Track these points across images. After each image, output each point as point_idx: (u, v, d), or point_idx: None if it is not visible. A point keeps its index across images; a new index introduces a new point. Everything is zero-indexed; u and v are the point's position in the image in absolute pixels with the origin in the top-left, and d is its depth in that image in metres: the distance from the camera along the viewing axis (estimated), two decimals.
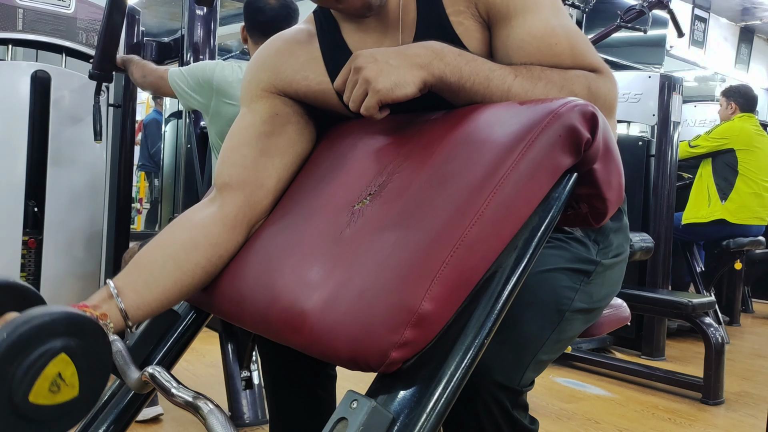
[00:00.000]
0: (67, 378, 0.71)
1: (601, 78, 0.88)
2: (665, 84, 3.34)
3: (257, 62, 1.07)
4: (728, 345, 3.45)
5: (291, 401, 1.19)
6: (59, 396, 0.70)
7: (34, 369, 0.68)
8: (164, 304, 0.92)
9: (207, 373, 2.68)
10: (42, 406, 0.69)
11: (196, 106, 2.11)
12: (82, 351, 0.72)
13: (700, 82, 7.68)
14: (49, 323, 0.69)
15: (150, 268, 0.92)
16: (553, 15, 0.89)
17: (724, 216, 3.76)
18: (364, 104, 0.83)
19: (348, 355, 0.70)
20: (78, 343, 0.71)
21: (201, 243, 0.94)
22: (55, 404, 0.70)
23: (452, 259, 0.69)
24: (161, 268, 0.92)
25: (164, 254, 0.93)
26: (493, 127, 0.79)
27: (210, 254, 0.94)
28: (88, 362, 0.72)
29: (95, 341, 0.73)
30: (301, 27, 1.07)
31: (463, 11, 0.91)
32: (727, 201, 3.78)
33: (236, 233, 0.97)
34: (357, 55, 0.85)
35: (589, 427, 2.30)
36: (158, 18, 6.22)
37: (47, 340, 0.69)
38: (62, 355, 0.70)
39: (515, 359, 0.85)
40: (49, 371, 0.69)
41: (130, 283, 0.89)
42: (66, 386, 0.71)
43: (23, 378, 0.67)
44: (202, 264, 0.93)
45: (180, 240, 0.95)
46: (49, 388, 0.69)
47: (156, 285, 0.91)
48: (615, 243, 1.04)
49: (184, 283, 0.92)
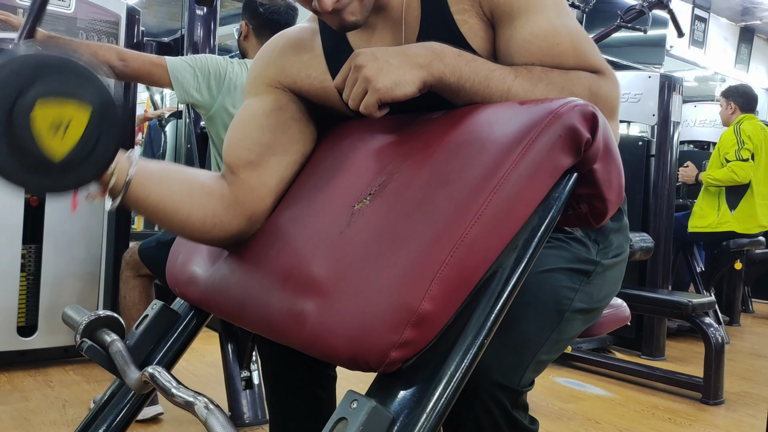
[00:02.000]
0: (71, 127, 0.72)
1: (602, 79, 0.88)
2: (665, 84, 3.34)
3: (262, 59, 1.07)
4: (728, 345, 3.45)
5: (291, 401, 1.19)
6: (62, 143, 0.72)
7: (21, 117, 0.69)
8: (156, 207, 0.91)
9: (207, 373, 2.68)
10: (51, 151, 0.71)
11: (197, 99, 2.04)
12: (62, 91, 0.72)
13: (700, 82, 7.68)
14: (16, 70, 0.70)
15: (169, 173, 0.93)
16: (557, 15, 0.89)
17: (733, 228, 3.73)
18: (364, 102, 0.83)
19: (348, 355, 0.70)
20: (54, 85, 0.71)
21: (216, 196, 0.95)
22: (61, 151, 0.72)
23: (452, 259, 0.69)
24: (177, 181, 0.93)
25: (185, 176, 0.95)
26: (493, 127, 0.79)
27: (216, 211, 0.94)
28: (97, 121, 0.74)
29: (73, 76, 0.73)
30: (304, 25, 1.08)
31: (468, 10, 0.91)
32: (737, 210, 3.74)
33: (239, 214, 0.97)
34: (357, 53, 0.85)
35: (589, 427, 2.30)
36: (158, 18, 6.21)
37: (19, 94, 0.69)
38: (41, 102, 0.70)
39: (515, 359, 0.85)
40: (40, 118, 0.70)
41: (148, 167, 0.90)
42: (69, 135, 0.72)
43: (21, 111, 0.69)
44: (206, 210, 0.94)
45: (201, 180, 0.97)
46: (49, 127, 0.71)
47: (165, 187, 0.91)
48: (615, 243, 1.04)
49: (183, 208, 0.92)
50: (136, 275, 2.10)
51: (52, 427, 2.05)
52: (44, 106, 0.70)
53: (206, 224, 0.94)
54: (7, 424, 2.05)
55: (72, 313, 0.94)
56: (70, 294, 2.67)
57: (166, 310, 1.03)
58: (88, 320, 0.92)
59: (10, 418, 2.11)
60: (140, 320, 1.02)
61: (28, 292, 2.63)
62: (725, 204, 3.77)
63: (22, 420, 2.09)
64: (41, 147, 0.71)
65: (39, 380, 2.50)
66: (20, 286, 2.60)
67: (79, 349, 0.91)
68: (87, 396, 2.34)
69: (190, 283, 1.03)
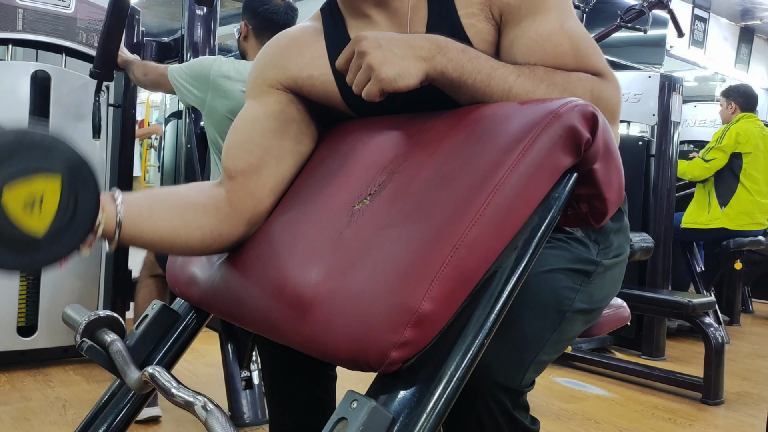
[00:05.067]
0: (45, 200, 0.71)
1: (604, 83, 0.88)
2: (665, 84, 3.34)
3: (264, 59, 1.07)
4: (728, 345, 3.45)
5: (291, 401, 1.19)
6: (41, 218, 0.71)
7: None
8: (152, 240, 0.90)
9: (207, 373, 2.68)
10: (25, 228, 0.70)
11: (192, 101, 2.11)
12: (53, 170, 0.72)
13: (700, 82, 7.68)
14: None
15: (158, 202, 0.92)
16: (563, 17, 0.90)
17: (724, 224, 3.74)
18: (366, 90, 0.82)
19: (348, 355, 0.70)
20: (47, 164, 0.71)
21: (210, 211, 0.95)
22: (42, 226, 0.71)
23: (452, 259, 0.69)
24: (167, 209, 0.92)
25: (175, 199, 0.94)
26: (493, 127, 0.79)
27: (213, 226, 0.94)
28: (69, 185, 0.73)
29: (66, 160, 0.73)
30: (306, 24, 1.07)
31: (477, 14, 0.91)
32: (727, 207, 3.75)
33: (237, 221, 0.97)
34: (361, 37, 0.83)
35: (589, 427, 2.30)
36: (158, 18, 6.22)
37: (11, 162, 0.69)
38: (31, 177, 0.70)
39: (516, 360, 0.85)
40: (19, 190, 0.69)
41: (136, 202, 0.88)
42: (45, 209, 0.71)
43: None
44: (203, 229, 0.93)
45: (193, 198, 0.95)
46: (23, 207, 0.70)
47: (157, 218, 0.90)
48: (615, 243, 1.04)
49: (180, 234, 0.92)
50: (149, 275, 2.13)
51: (52, 427, 2.05)
52: (12, 190, 0.69)
53: (206, 241, 0.94)
54: (7, 424, 2.05)
55: (72, 313, 0.94)
56: (70, 294, 2.67)
57: (166, 310, 1.03)
58: (88, 320, 0.92)
59: (10, 418, 2.11)
60: (140, 320, 1.02)
61: (28, 292, 2.63)
62: (715, 200, 3.78)
63: (22, 420, 2.09)
64: (21, 228, 0.70)
65: (39, 380, 2.50)
66: (20, 286, 2.60)
67: (79, 349, 0.91)
68: (87, 396, 2.34)
69: (191, 283, 1.03)
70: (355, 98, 0.91)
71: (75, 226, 0.74)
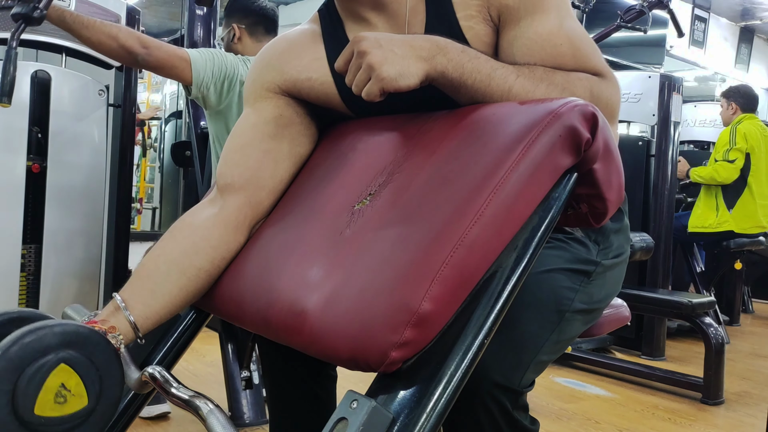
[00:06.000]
0: (72, 388, 0.71)
1: (604, 83, 0.89)
2: (665, 84, 3.34)
3: (262, 62, 1.07)
4: (728, 345, 3.45)
5: (291, 401, 1.18)
6: (68, 407, 0.71)
7: (34, 383, 0.69)
8: (172, 311, 0.93)
9: (207, 373, 2.68)
10: (51, 419, 0.70)
11: (208, 95, 1.97)
12: (84, 361, 0.72)
13: (700, 82, 7.68)
14: (43, 338, 0.70)
15: (154, 277, 0.92)
16: (562, 17, 0.90)
17: (732, 227, 3.73)
18: (366, 89, 0.82)
19: (348, 355, 0.70)
20: (78, 354, 0.72)
21: (203, 247, 0.94)
22: (65, 415, 0.71)
23: (452, 259, 0.69)
24: (165, 276, 0.92)
25: (167, 261, 0.94)
26: (493, 128, 0.79)
27: (212, 257, 0.94)
28: (93, 372, 0.73)
29: (97, 350, 0.74)
30: (305, 27, 1.07)
31: (475, 16, 0.91)
32: (734, 210, 3.75)
33: (238, 234, 0.97)
34: (360, 37, 0.83)
35: (589, 427, 2.30)
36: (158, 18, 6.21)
37: (44, 354, 0.69)
38: (62, 366, 0.70)
39: (515, 360, 0.85)
40: (51, 383, 0.70)
41: (137, 294, 0.90)
42: (73, 396, 0.71)
43: (26, 392, 0.68)
44: (205, 268, 0.94)
45: (181, 246, 0.95)
46: (54, 400, 0.70)
47: (162, 294, 0.91)
48: (615, 243, 1.04)
49: (190, 288, 0.93)
50: None
51: None
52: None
53: (213, 273, 0.95)
54: None
55: (72, 313, 0.94)
56: (70, 294, 2.67)
57: None
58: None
59: None
60: None
61: (28, 292, 2.63)
62: (723, 203, 3.77)
63: None
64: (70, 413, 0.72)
65: None
66: (20, 286, 2.60)
67: None
68: None
69: None
70: (355, 99, 0.90)
71: (108, 380, 0.76)
